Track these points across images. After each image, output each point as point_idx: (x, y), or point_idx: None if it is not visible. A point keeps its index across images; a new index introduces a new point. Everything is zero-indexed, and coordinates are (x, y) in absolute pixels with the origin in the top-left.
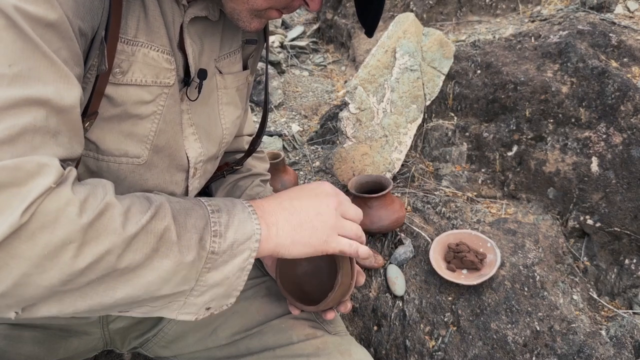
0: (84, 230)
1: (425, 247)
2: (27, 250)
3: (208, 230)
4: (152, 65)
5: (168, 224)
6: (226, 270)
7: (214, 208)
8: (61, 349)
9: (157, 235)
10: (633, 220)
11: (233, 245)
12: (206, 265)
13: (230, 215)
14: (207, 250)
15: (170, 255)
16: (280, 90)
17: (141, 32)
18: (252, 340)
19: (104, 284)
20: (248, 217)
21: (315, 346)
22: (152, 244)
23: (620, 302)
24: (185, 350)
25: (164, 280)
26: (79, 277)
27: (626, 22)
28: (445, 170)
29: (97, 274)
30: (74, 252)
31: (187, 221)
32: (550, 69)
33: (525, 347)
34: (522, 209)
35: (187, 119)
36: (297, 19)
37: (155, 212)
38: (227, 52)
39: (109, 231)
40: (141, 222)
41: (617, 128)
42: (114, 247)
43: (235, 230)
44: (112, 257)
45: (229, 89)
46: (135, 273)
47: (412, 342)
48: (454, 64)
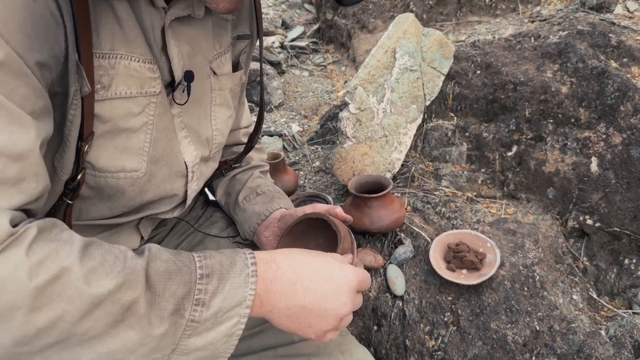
0: (32, 297)
1: (425, 247)
2: None
3: (190, 299)
4: (135, 76)
5: (137, 296)
6: (210, 337)
7: (205, 272)
8: None
9: (122, 306)
10: (633, 220)
11: (218, 314)
12: (186, 332)
13: (222, 280)
14: (186, 318)
15: (136, 327)
16: (280, 91)
17: (118, 44)
18: (254, 339)
19: (67, 348)
20: (243, 283)
21: (315, 345)
22: (116, 314)
23: (619, 302)
24: None
25: (129, 351)
26: (34, 340)
27: (626, 23)
28: (445, 170)
29: (54, 338)
30: (23, 317)
31: (167, 288)
32: (550, 69)
33: (525, 347)
34: (521, 209)
35: (179, 122)
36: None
37: (124, 280)
38: (218, 51)
39: (62, 298)
40: (104, 289)
41: (617, 128)
42: (67, 314)
43: (224, 298)
44: (65, 324)
45: (223, 90)
46: (97, 340)
47: (412, 341)
48: (453, 64)
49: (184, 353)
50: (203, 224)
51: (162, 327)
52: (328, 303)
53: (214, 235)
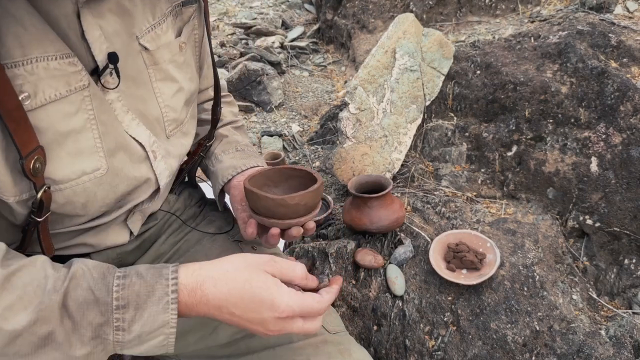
0: None
1: (425, 247)
2: None
3: (110, 326)
4: (57, 75)
5: (52, 329)
6: (142, 349)
7: (121, 303)
8: None
9: (40, 337)
10: (632, 220)
11: (141, 336)
12: (115, 347)
13: (138, 310)
14: (110, 340)
15: (59, 349)
16: (281, 91)
17: (29, 47)
18: (253, 340)
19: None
20: (162, 310)
21: (315, 345)
22: (37, 342)
23: (619, 302)
24: (186, 349)
25: None
26: None
27: (625, 23)
28: (445, 170)
29: None
30: None
31: (84, 318)
32: (550, 69)
33: (524, 347)
34: (521, 209)
35: (121, 107)
36: (297, 20)
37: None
38: (152, 24)
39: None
40: (20, 325)
41: (617, 128)
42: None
43: (143, 324)
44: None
45: (160, 64)
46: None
47: (412, 341)
48: (453, 64)
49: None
50: (201, 223)
51: (84, 350)
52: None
53: (212, 233)
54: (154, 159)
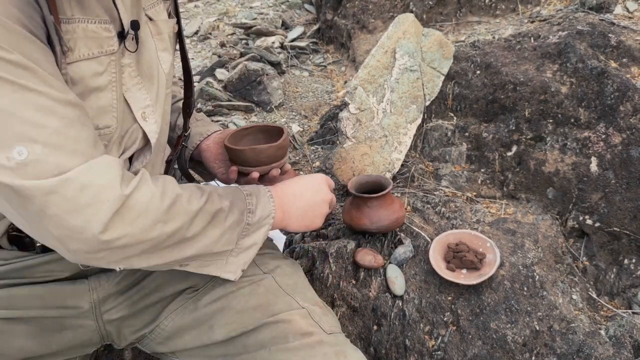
0: (165, 214)
1: (424, 247)
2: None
3: (245, 209)
4: (93, 37)
5: (219, 207)
6: (254, 238)
7: (247, 193)
8: (54, 343)
9: (210, 213)
10: (632, 220)
11: (260, 220)
12: (243, 233)
13: (258, 199)
14: (244, 222)
15: (219, 225)
16: (281, 91)
17: (75, 10)
18: (249, 339)
19: (177, 248)
20: (268, 201)
21: (310, 346)
22: (207, 219)
23: (619, 301)
24: (182, 347)
25: (215, 242)
26: (163, 243)
27: (625, 23)
28: (445, 171)
29: (174, 240)
30: (160, 228)
31: (233, 201)
32: (550, 69)
33: (524, 347)
34: (521, 209)
35: (130, 72)
36: (297, 20)
37: (208, 197)
38: (153, 2)
39: (180, 213)
40: (199, 205)
41: (617, 128)
42: (185, 223)
43: (262, 209)
44: (183, 230)
45: (162, 34)
46: (196, 239)
47: (411, 341)
48: (453, 64)
49: (238, 252)
50: None
51: (233, 222)
52: (317, 196)
53: None
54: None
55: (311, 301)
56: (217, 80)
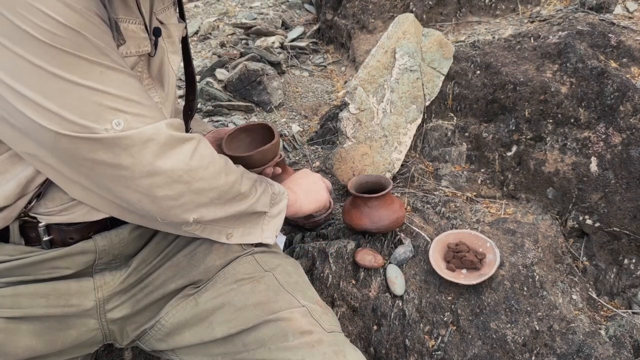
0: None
1: (424, 247)
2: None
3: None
4: (133, 37)
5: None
6: (280, 207)
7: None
8: (59, 341)
9: (251, 179)
10: (632, 220)
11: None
12: (272, 200)
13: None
14: (270, 191)
15: (259, 188)
16: (281, 91)
17: (120, 10)
18: (249, 336)
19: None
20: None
21: (310, 345)
22: (252, 181)
23: (619, 301)
24: (182, 344)
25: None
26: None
27: (625, 23)
28: (445, 171)
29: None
30: (224, 178)
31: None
32: (550, 69)
33: (524, 347)
34: (521, 209)
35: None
36: (297, 20)
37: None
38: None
39: (233, 170)
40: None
41: (617, 128)
42: (238, 178)
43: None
44: (237, 184)
45: (172, 37)
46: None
47: (411, 341)
48: (453, 64)
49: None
50: None
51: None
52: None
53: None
54: None
55: (311, 300)
56: (217, 80)
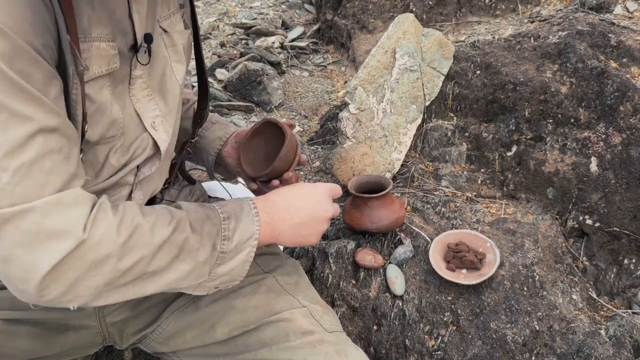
0: (121, 247)
1: (424, 247)
2: (80, 265)
3: (219, 236)
4: (104, 55)
5: (187, 235)
6: (232, 264)
7: (225, 215)
8: (57, 344)
9: (177, 245)
10: (632, 220)
11: (237, 246)
12: (217, 262)
13: (237, 221)
14: (217, 251)
15: (187, 260)
16: (281, 91)
17: (93, 27)
18: (250, 338)
19: (138, 284)
20: (251, 221)
21: (312, 345)
22: (174, 252)
23: (619, 301)
24: (183, 347)
25: (182, 279)
26: (119, 280)
27: (625, 23)
28: (445, 171)
29: (133, 277)
30: (115, 263)
31: (203, 230)
32: (550, 69)
33: (524, 347)
34: (521, 209)
35: (141, 83)
36: (297, 20)
37: (177, 225)
38: (168, 12)
39: (140, 245)
40: (165, 235)
41: (617, 128)
42: (144, 257)
43: (241, 233)
44: (143, 265)
45: (176, 46)
46: (160, 275)
47: (411, 341)
48: (453, 64)
49: (212, 279)
50: None
51: (204, 256)
52: (315, 212)
53: None
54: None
55: (312, 300)
56: (217, 80)
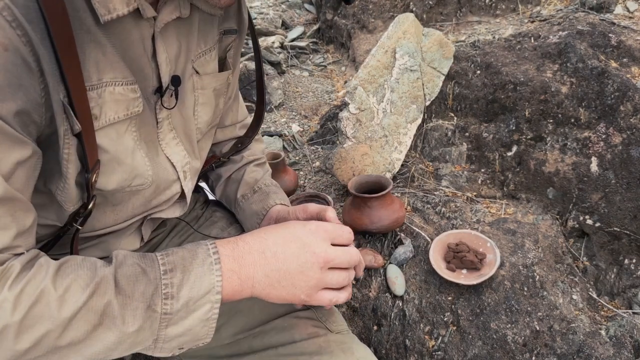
0: (18, 323)
1: (425, 247)
2: None
3: (159, 294)
4: (120, 100)
5: (109, 299)
6: (187, 324)
7: (168, 267)
8: None
9: (97, 312)
10: (632, 220)
11: (189, 303)
12: (162, 324)
13: (185, 273)
14: (158, 312)
15: (113, 327)
16: (281, 91)
17: (103, 72)
18: (255, 339)
19: (55, 354)
20: (208, 270)
21: (317, 344)
22: (93, 320)
23: (619, 302)
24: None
25: (110, 349)
26: (23, 356)
27: (626, 23)
28: (445, 170)
29: (41, 352)
30: (12, 339)
31: (135, 290)
32: (550, 69)
33: (524, 347)
34: (521, 209)
35: (167, 124)
36: (297, 20)
37: (96, 288)
38: (203, 49)
39: (44, 318)
40: (79, 302)
41: (617, 128)
42: (50, 331)
43: (190, 287)
44: (50, 340)
45: (206, 89)
46: (82, 345)
47: (412, 341)
48: (453, 64)
49: (166, 341)
50: (203, 225)
51: (136, 324)
52: (300, 258)
53: (214, 237)
54: (184, 179)
55: None
56: None
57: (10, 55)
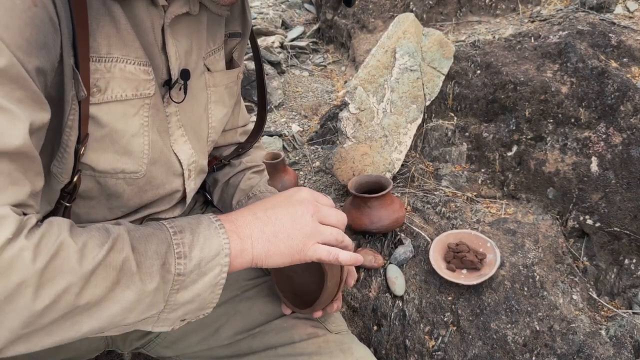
0: (39, 274)
1: (425, 247)
2: None
3: (172, 253)
4: (130, 78)
5: (127, 255)
6: (197, 289)
7: (177, 229)
8: (62, 350)
9: (116, 267)
10: (633, 220)
11: (200, 264)
12: (174, 287)
13: (195, 234)
14: (172, 273)
15: (131, 286)
16: (280, 91)
17: (114, 48)
18: (255, 340)
19: (68, 320)
20: (214, 233)
21: (317, 345)
22: (112, 277)
23: (619, 302)
24: (188, 350)
25: (128, 310)
26: (40, 318)
27: (626, 23)
28: (445, 170)
29: (59, 312)
30: (31, 295)
31: (148, 248)
32: (550, 69)
33: (525, 347)
34: (521, 209)
35: (176, 121)
36: (297, 20)
37: (113, 244)
38: (212, 48)
39: (64, 271)
40: (99, 257)
41: (617, 128)
42: (71, 285)
43: (201, 248)
44: (70, 296)
45: (218, 86)
46: (98, 307)
47: (412, 341)
48: (453, 64)
49: (173, 309)
50: None
51: (154, 282)
52: (289, 210)
53: None
54: (187, 177)
55: None
56: None
57: (39, 11)
